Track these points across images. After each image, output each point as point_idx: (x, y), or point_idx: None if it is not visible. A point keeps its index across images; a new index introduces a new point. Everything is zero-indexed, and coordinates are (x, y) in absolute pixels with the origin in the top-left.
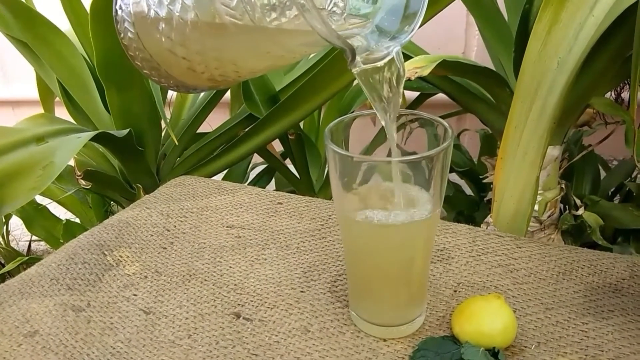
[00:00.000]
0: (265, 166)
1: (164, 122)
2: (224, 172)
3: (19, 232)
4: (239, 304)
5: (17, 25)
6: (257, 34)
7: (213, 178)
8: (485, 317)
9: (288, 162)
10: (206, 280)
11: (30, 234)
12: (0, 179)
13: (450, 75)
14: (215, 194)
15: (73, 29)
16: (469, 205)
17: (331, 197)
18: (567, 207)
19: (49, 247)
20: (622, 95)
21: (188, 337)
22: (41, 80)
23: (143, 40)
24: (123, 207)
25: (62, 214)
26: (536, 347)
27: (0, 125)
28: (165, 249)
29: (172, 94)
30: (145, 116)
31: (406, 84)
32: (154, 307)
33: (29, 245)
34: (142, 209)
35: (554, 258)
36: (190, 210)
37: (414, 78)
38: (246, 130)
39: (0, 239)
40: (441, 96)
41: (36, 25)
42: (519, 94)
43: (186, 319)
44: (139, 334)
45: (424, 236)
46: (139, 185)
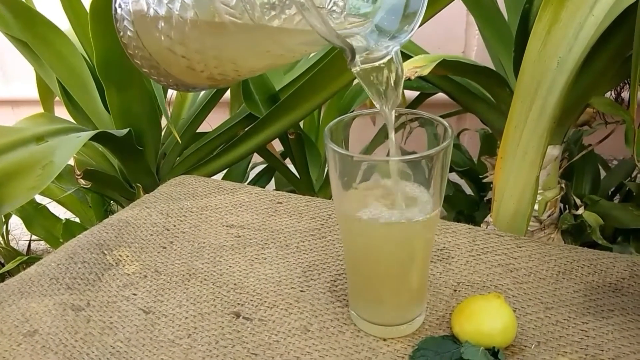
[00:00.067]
0: (265, 166)
1: (166, 119)
2: (224, 171)
3: (18, 232)
4: (238, 304)
5: (17, 24)
6: (257, 32)
7: (213, 177)
8: (485, 317)
9: (288, 161)
10: (206, 280)
11: (30, 233)
12: (0, 179)
13: (450, 75)
14: (215, 193)
15: (73, 28)
16: (468, 204)
17: (331, 196)
18: (567, 206)
19: (49, 246)
20: (622, 94)
21: (188, 336)
22: (41, 80)
23: (142, 39)
24: (123, 207)
25: (61, 213)
26: (536, 346)
27: (0, 124)
28: (165, 248)
29: (172, 94)
30: (145, 116)
31: (406, 83)
32: (153, 306)
33: (29, 245)
34: (142, 208)
35: (554, 257)
36: (190, 210)
37: (413, 77)
38: (246, 129)
39: (0, 239)
40: (441, 96)
41: (36, 25)
42: (519, 94)
43: (186, 318)
44: (138, 334)
45: (423, 236)
46: (139, 184)
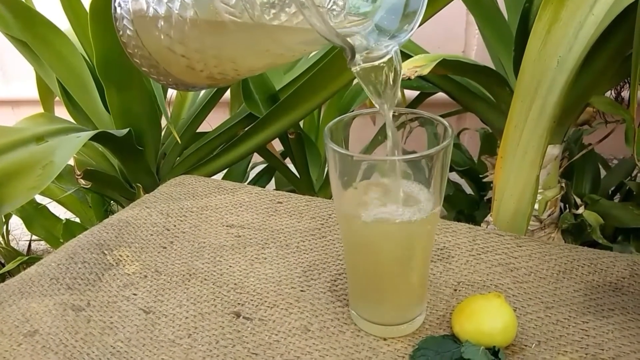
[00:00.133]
0: (265, 165)
1: (166, 119)
2: (224, 171)
3: (19, 232)
4: (239, 303)
5: (17, 25)
6: (256, 32)
7: (213, 177)
8: (485, 316)
9: (288, 161)
10: (206, 280)
11: (30, 233)
12: (0, 179)
13: (450, 74)
14: (215, 193)
15: (73, 28)
16: (469, 204)
17: (331, 196)
18: (567, 206)
19: (49, 246)
20: (622, 94)
21: (188, 336)
22: (41, 80)
23: (142, 38)
24: (123, 207)
25: (62, 213)
26: (536, 345)
27: (0, 124)
28: (165, 248)
29: (172, 93)
30: (145, 115)
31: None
32: (153, 306)
33: (29, 245)
34: (142, 208)
35: (554, 257)
36: (190, 210)
37: (413, 77)
38: (246, 129)
39: (0, 239)
40: (441, 95)
41: (36, 25)
42: (519, 93)
43: (186, 318)
44: (138, 334)
45: (424, 235)
46: (139, 184)
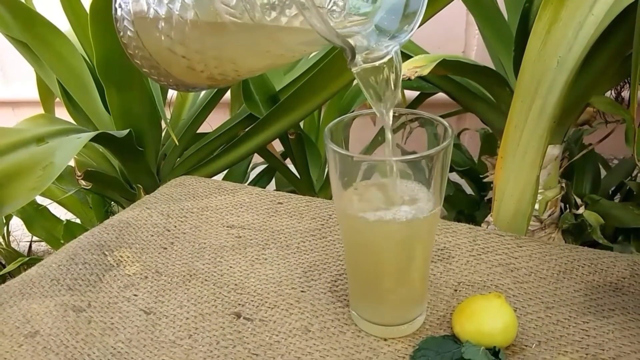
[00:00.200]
0: (265, 166)
1: (164, 122)
2: (224, 172)
3: (19, 233)
4: (239, 304)
5: (17, 25)
6: (257, 32)
7: (213, 178)
8: (485, 316)
9: (288, 162)
10: (207, 280)
11: (30, 234)
12: (0, 180)
13: (450, 75)
14: (215, 194)
15: (73, 29)
16: (469, 204)
17: (331, 196)
18: (567, 206)
19: (50, 247)
20: (622, 94)
21: (189, 337)
22: (41, 81)
23: (142, 39)
24: (123, 208)
25: (62, 214)
26: (537, 346)
27: (1, 125)
28: (166, 249)
29: (172, 94)
30: (145, 116)
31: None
32: (154, 307)
33: (30, 246)
34: (143, 209)
35: (555, 257)
36: (191, 211)
37: (413, 77)
38: (246, 130)
39: (1, 240)
40: (441, 95)
41: (36, 26)
42: (519, 93)
43: (187, 319)
44: (139, 334)
45: (424, 235)
46: (139, 185)
